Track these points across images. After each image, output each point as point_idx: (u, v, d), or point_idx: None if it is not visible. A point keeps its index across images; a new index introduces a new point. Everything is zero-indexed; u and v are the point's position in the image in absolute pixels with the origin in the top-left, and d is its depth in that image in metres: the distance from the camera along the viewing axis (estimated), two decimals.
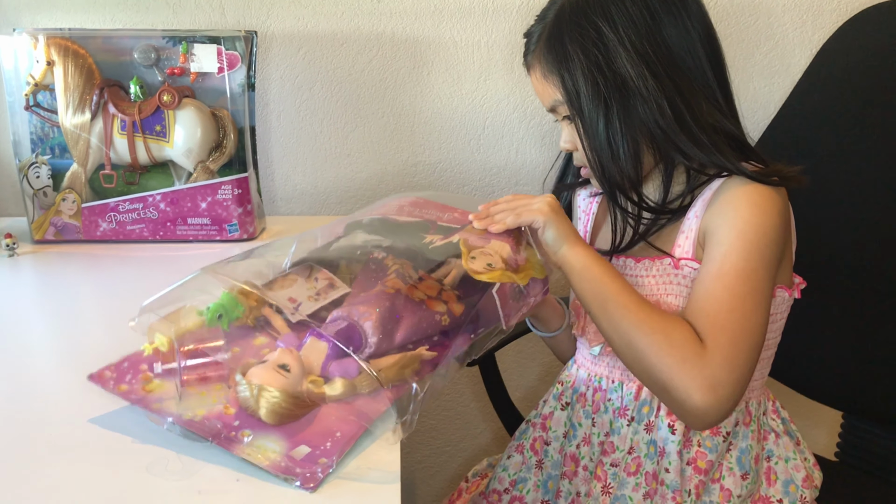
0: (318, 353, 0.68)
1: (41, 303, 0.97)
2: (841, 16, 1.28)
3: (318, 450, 0.59)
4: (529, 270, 0.80)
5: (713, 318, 0.76)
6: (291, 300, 0.73)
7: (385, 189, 1.38)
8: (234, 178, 1.15)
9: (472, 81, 1.34)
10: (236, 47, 1.11)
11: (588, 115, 0.83)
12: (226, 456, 0.60)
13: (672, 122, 0.80)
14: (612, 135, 0.82)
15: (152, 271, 1.06)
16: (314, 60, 1.31)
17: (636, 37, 0.81)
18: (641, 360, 0.76)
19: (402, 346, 0.71)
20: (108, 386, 0.65)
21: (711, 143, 0.81)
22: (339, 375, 0.66)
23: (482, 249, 0.77)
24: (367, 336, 0.70)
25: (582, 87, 0.82)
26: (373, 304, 0.72)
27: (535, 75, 0.88)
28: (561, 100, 0.85)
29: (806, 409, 1.41)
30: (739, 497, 0.84)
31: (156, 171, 1.15)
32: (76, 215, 1.15)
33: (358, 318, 0.70)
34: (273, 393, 0.62)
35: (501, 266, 0.76)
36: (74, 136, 1.12)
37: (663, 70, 0.81)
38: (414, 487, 1.56)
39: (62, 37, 1.10)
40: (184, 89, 1.12)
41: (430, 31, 1.32)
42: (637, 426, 0.87)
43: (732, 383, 0.74)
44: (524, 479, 0.95)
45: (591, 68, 0.82)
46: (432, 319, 0.74)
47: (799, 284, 0.89)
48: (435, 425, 1.51)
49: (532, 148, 1.38)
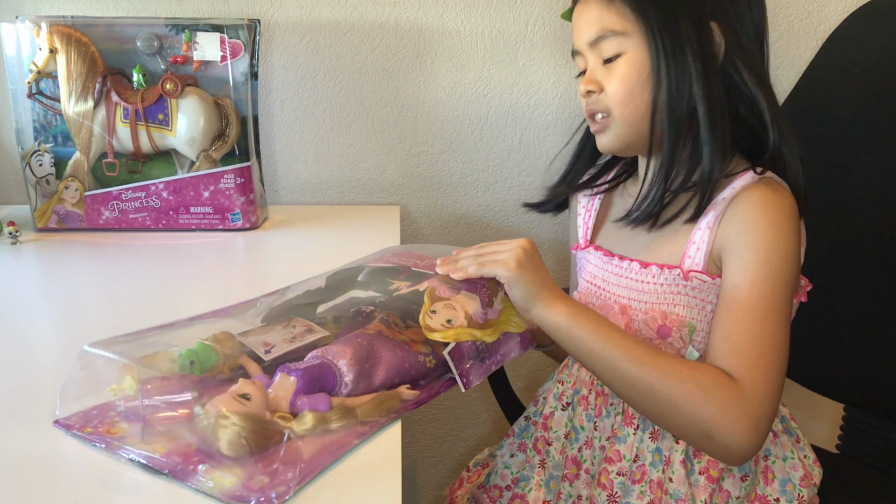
0: (286, 390, 0.65)
1: (44, 291, 0.97)
2: (847, 7, 1.27)
3: (276, 479, 0.56)
4: (502, 325, 0.76)
5: (747, 353, 0.75)
6: (266, 344, 0.71)
7: (388, 178, 1.38)
8: (236, 167, 1.15)
9: (475, 71, 1.34)
10: (239, 36, 1.11)
11: (671, 56, 0.79)
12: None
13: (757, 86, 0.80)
14: (694, 86, 0.79)
15: (154, 260, 1.06)
16: (317, 49, 1.31)
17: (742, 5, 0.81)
18: (676, 413, 0.74)
19: (384, 387, 0.69)
20: (73, 430, 0.62)
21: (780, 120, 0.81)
22: (308, 409, 0.63)
23: (447, 302, 0.73)
24: (341, 374, 0.67)
25: (680, 24, 0.79)
26: (349, 343, 0.70)
27: (593, 3, 0.83)
28: (616, 30, 0.81)
29: (807, 401, 1.41)
30: (738, 498, 0.84)
31: (158, 160, 1.15)
32: (79, 203, 1.15)
33: (332, 357, 0.68)
34: (231, 420, 0.58)
35: (463, 322, 0.72)
36: (77, 125, 1.12)
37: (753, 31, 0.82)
38: (415, 477, 1.56)
39: (65, 24, 1.09)
40: (187, 78, 1.11)
41: (434, 20, 1.31)
42: (643, 434, 0.86)
43: (771, 416, 0.74)
44: (527, 478, 0.94)
45: (693, 9, 0.79)
46: (415, 360, 0.72)
47: (805, 287, 0.88)
48: (436, 415, 1.52)
49: (536, 138, 1.37)
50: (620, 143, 0.85)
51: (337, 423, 0.63)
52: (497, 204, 1.40)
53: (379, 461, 0.60)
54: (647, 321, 0.83)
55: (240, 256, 1.11)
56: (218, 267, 1.06)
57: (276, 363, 0.68)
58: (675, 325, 0.82)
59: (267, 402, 0.63)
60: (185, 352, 0.67)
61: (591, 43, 0.84)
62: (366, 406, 0.65)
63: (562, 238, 1.41)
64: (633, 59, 0.81)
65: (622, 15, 0.81)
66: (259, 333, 0.73)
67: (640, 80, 0.81)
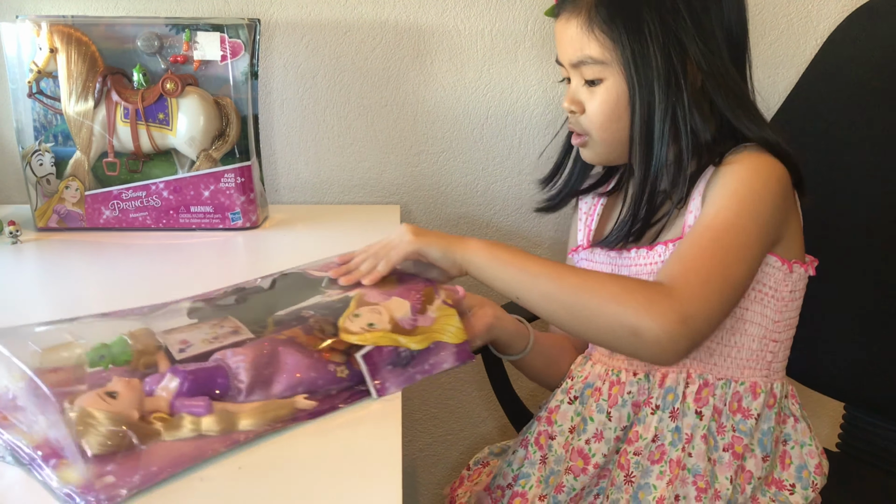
0: (169, 391, 0.63)
1: (44, 290, 0.97)
2: (847, 6, 1.27)
3: (122, 481, 0.54)
4: (435, 333, 0.73)
5: (690, 262, 0.75)
6: (184, 342, 0.69)
7: (388, 178, 1.38)
8: (236, 167, 1.15)
9: (475, 70, 1.34)
10: (239, 35, 1.11)
11: (645, 88, 0.81)
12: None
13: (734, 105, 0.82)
14: (660, 113, 0.81)
15: (155, 259, 1.06)
16: (317, 49, 1.31)
17: (705, 18, 0.81)
18: (601, 316, 0.73)
19: (283, 395, 0.65)
20: None
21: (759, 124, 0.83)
22: (186, 413, 0.62)
23: (374, 307, 0.71)
24: (235, 378, 0.65)
25: (652, 60, 0.80)
26: (251, 348, 0.67)
27: (575, 23, 0.84)
28: (597, 59, 0.83)
29: (808, 399, 1.41)
30: (760, 479, 0.84)
31: (159, 160, 1.15)
32: (79, 203, 1.15)
33: (230, 361, 0.66)
34: (93, 418, 0.57)
35: (386, 327, 0.70)
36: (77, 124, 1.12)
37: (725, 47, 0.82)
38: (415, 476, 1.56)
39: (65, 24, 1.09)
40: (187, 77, 1.11)
41: (434, 19, 1.31)
42: (662, 414, 0.86)
43: (704, 318, 0.72)
44: (527, 475, 0.93)
45: (664, 44, 0.80)
46: (324, 370, 0.67)
47: (812, 262, 0.88)
48: (437, 414, 1.52)
49: (536, 137, 1.37)
50: (601, 159, 0.89)
51: (213, 427, 0.61)
52: (497, 203, 1.40)
53: (379, 460, 0.60)
54: None
55: (240, 256, 1.11)
56: (218, 266, 1.06)
57: (186, 361, 0.67)
58: None
59: (142, 402, 0.62)
60: (97, 346, 0.66)
61: (573, 64, 0.86)
62: (250, 413, 0.62)
63: (562, 237, 1.42)
64: (612, 87, 0.83)
65: (601, 43, 0.82)
66: (183, 331, 0.71)
67: (618, 109, 0.84)
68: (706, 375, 0.85)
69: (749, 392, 0.85)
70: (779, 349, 0.87)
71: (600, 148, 0.87)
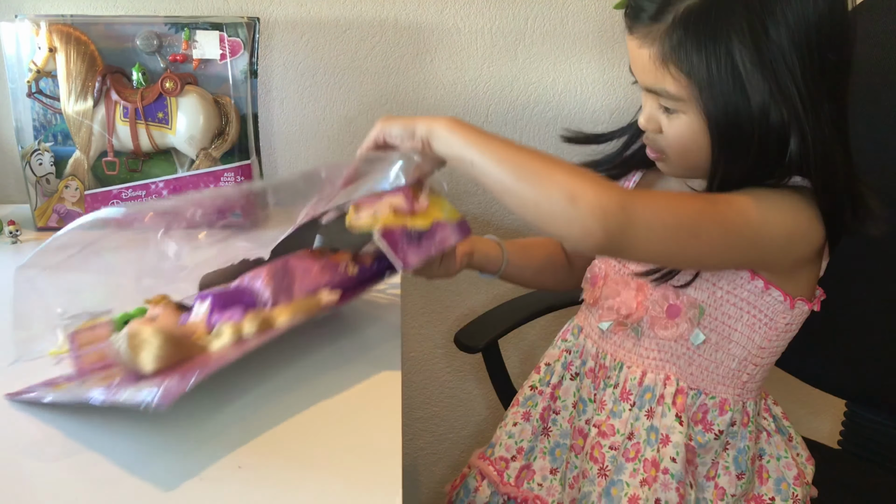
0: (201, 313, 0.68)
1: None
2: None
3: (183, 378, 0.58)
4: (433, 214, 0.77)
5: (672, 192, 0.74)
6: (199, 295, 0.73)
7: None
8: (236, 166, 1.15)
9: (475, 68, 1.33)
10: (239, 34, 1.11)
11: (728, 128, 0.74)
12: (225, 446, 0.61)
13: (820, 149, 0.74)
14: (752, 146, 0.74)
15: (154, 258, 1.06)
16: (317, 47, 1.31)
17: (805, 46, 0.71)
18: (544, 178, 0.69)
19: (308, 293, 0.71)
20: (23, 396, 0.66)
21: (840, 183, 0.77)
22: (224, 321, 0.65)
23: (371, 206, 0.74)
24: (259, 293, 0.70)
25: (739, 102, 0.73)
26: (266, 266, 0.72)
27: (648, 52, 0.76)
28: (673, 95, 0.75)
29: (809, 397, 1.41)
30: (733, 496, 0.84)
31: (158, 159, 1.15)
32: (79, 202, 1.15)
33: (248, 282, 0.70)
34: (142, 335, 0.60)
35: (388, 213, 0.73)
36: (77, 123, 1.12)
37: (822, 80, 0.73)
38: (417, 474, 1.56)
39: (64, 23, 1.09)
40: (186, 76, 1.11)
41: (434, 17, 1.31)
42: (638, 412, 0.86)
43: (640, 227, 0.68)
44: (531, 448, 0.95)
45: (750, 77, 0.72)
46: (335, 269, 0.74)
47: (819, 297, 0.87)
48: (437, 412, 1.52)
49: (536, 135, 1.37)
50: (678, 175, 0.85)
51: (251, 329, 0.64)
52: (497, 201, 1.40)
53: (379, 459, 0.60)
54: (658, 300, 0.84)
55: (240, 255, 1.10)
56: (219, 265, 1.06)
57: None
58: (685, 304, 0.82)
59: (181, 326, 0.66)
60: (121, 314, 0.70)
61: (648, 89, 0.80)
62: (282, 311, 0.67)
63: None
64: (691, 122, 0.76)
65: (678, 80, 0.75)
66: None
67: (697, 142, 0.77)
68: (681, 382, 0.85)
69: (717, 407, 0.85)
70: (757, 372, 0.85)
71: (679, 170, 0.83)
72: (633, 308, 0.85)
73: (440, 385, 1.50)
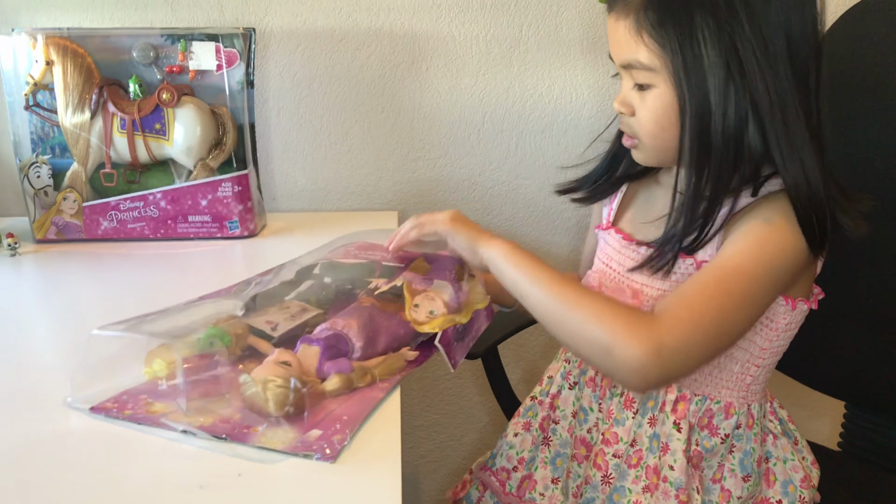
0: (311, 357, 0.72)
1: (43, 302, 0.97)
2: (839, 7, 1.27)
3: (329, 430, 0.63)
4: (472, 304, 0.84)
5: (686, 298, 0.74)
6: (269, 322, 0.78)
7: (385, 184, 1.38)
8: (234, 176, 1.15)
9: (470, 76, 1.34)
10: (235, 45, 1.11)
11: (697, 99, 0.76)
12: (222, 453, 0.61)
13: (785, 127, 0.76)
14: (716, 126, 0.76)
15: (153, 269, 1.06)
16: (313, 57, 1.31)
17: (766, 26, 0.74)
18: (582, 330, 0.73)
19: (386, 351, 0.77)
20: (112, 413, 0.66)
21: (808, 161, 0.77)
22: (335, 372, 0.70)
23: (425, 293, 0.82)
24: (352, 341, 0.75)
25: (706, 70, 0.75)
26: (353, 316, 0.77)
27: (623, 24, 0.79)
28: (646, 65, 0.77)
29: (808, 399, 1.41)
30: (740, 499, 0.84)
31: (156, 170, 1.15)
32: (77, 214, 1.15)
33: (342, 328, 0.75)
34: (278, 382, 0.65)
35: (443, 311, 0.81)
36: (74, 136, 1.12)
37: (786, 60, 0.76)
38: (418, 482, 1.56)
39: (61, 36, 1.10)
40: (183, 87, 1.12)
41: (429, 25, 1.31)
42: (641, 419, 0.86)
43: (682, 355, 0.71)
44: (532, 458, 0.95)
45: (722, 53, 0.74)
46: (408, 328, 0.79)
47: (817, 295, 0.87)
48: (438, 420, 1.52)
49: (532, 141, 1.37)
50: (652, 162, 0.86)
51: (360, 381, 0.70)
52: (494, 208, 1.41)
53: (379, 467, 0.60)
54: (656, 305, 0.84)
55: (238, 264, 1.11)
56: (217, 275, 1.06)
57: (282, 339, 0.76)
58: None
59: (301, 366, 0.70)
60: (206, 334, 0.72)
61: (623, 66, 0.82)
62: (380, 366, 0.73)
63: (560, 240, 1.42)
64: (662, 95, 0.78)
65: (650, 49, 0.77)
66: (260, 315, 0.79)
67: (667, 117, 0.79)
68: (684, 389, 0.85)
69: (722, 411, 0.85)
70: (760, 373, 0.86)
71: (651, 152, 0.84)
72: None
73: (440, 393, 1.50)
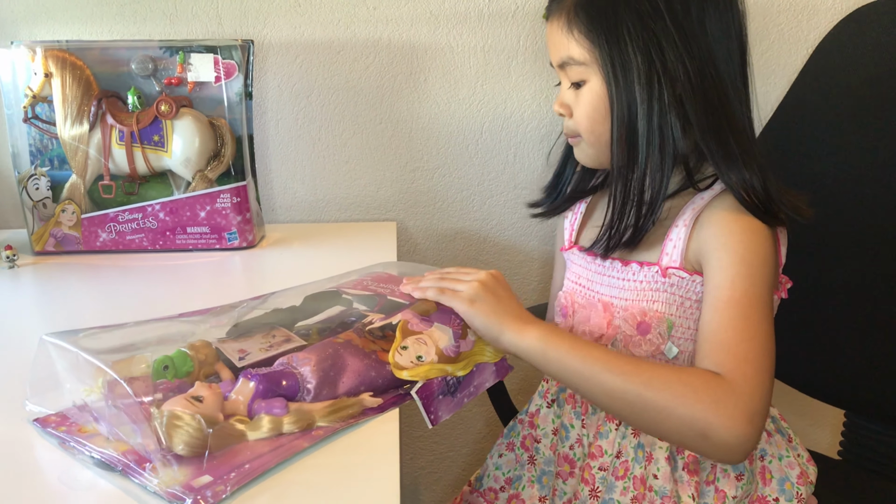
0: (245, 394, 0.66)
1: (42, 314, 0.97)
2: (836, 15, 1.28)
3: (218, 479, 0.57)
4: (476, 356, 0.75)
5: (735, 349, 0.74)
6: (241, 351, 0.72)
7: (384, 195, 1.38)
8: (232, 187, 1.15)
9: (468, 86, 1.34)
10: (233, 56, 1.12)
11: (624, 89, 0.79)
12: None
13: (708, 121, 0.79)
14: (641, 116, 0.79)
15: (152, 281, 1.06)
16: (311, 68, 1.32)
17: (687, 23, 0.78)
18: (668, 418, 0.72)
19: (348, 394, 0.69)
20: (49, 428, 0.65)
21: (739, 153, 0.79)
22: (265, 413, 0.64)
23: (419, 336, 0.73)
24: (304, 381, 0.68)
25: (631, 60, 0.78)
26: (315, 351, 0.70)
27: (557, 24, 0.84)
28: (577, 60, 0.82)
29: (808, 407, 1.41)
30: (735, 498, 0.84)
31: (154, 181, 1.15)
32: (76, 226, 1.15)
33: (297, 364, 0.68)
34: (183, 420, 0.60)
35: (433, 358, 0.72)
36: (73, 148, 1.12)
37: (708, 65, 0.79)
38: (418, 494, 1.55)
39: (60, 49, 1.10)
40: (181, 99, 1.12)
41: (427, 37, 1.32)
42: (625, 430, 0.86)
43: (764, 410, 0.73)
44: (518, 477, 0.95)
45: (644, 45, 0.78)
46: (382, 370, 0.71)
47: (786, 284, 0.88)
48: (437, 430, 1.51)
49: (530, 151, 1.38)
50: (593, 162, 0.88)
51: (292, 426, 0.63)
52: (493, 218, 1.41)
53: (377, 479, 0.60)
54: (627, 318, 0.84)
55: (237, 275, 1.11)
56: (216, 286, 1.06)
57: (249, 369, 0.69)
58: (654, 321, 0.83)
59: (223, 405, 0.64)
60: (160, 358, 0.68)
61: (559, 65, 0.86)
62: (323, 411, 0.65)
63: None
64: (594, 88, 0.83)
65: (580, 44, 0.82)
66: (238, 341, 0.74)
67: (601, 110, 0.83)
68: None
69: None
70: None
71: (590, 150, 0.86)
72: (605, 328, 0.86)
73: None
